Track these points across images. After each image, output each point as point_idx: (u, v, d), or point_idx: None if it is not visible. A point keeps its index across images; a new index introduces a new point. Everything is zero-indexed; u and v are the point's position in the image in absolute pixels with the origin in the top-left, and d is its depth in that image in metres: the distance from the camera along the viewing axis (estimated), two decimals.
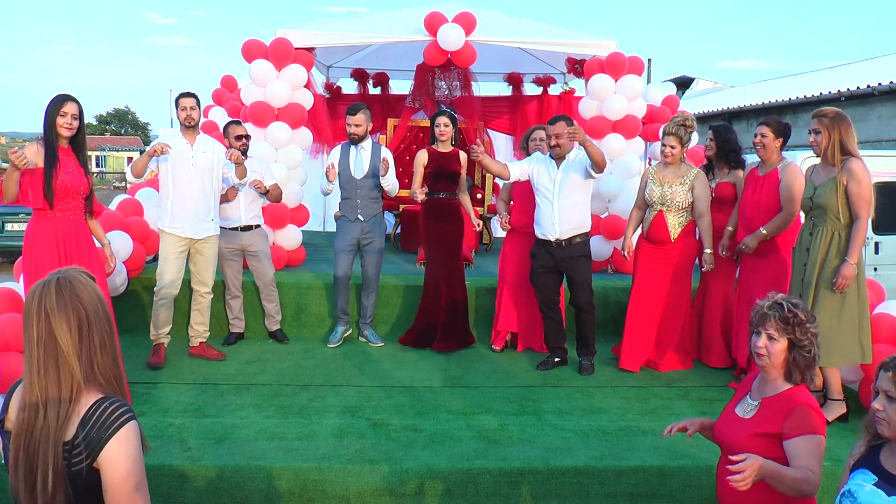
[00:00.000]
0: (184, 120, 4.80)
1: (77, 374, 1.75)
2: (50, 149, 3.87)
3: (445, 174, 5.33)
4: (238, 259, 5.44)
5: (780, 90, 14.95)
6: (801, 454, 2.20)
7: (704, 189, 4.83)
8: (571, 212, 4.77)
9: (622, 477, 3.42)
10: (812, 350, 2.30)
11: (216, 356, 5.06)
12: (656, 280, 4.93)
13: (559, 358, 5.01)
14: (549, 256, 4.85)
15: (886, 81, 11.24)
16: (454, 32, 6.43)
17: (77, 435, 1.75)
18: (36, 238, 3.96)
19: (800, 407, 2.25)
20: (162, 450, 3.48)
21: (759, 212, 4.52)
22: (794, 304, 2.33)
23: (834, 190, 3.85)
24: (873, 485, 1.93)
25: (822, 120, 3.89)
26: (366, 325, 5.58)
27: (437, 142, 5.36)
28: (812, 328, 2.29)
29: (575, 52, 7.31)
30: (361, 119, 5.26)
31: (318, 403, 4.22)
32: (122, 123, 62.30)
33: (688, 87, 21.77)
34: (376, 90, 9.19)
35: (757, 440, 2.29)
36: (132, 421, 1.79)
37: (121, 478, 1.76)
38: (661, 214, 4.84)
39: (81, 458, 1.74)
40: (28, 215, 4.13)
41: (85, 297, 1.79)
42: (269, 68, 6.34)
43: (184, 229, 4.80)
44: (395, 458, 3.46)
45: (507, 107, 9.30)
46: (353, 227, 5.35)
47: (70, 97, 3.92)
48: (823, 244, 3.94)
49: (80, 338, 1.76)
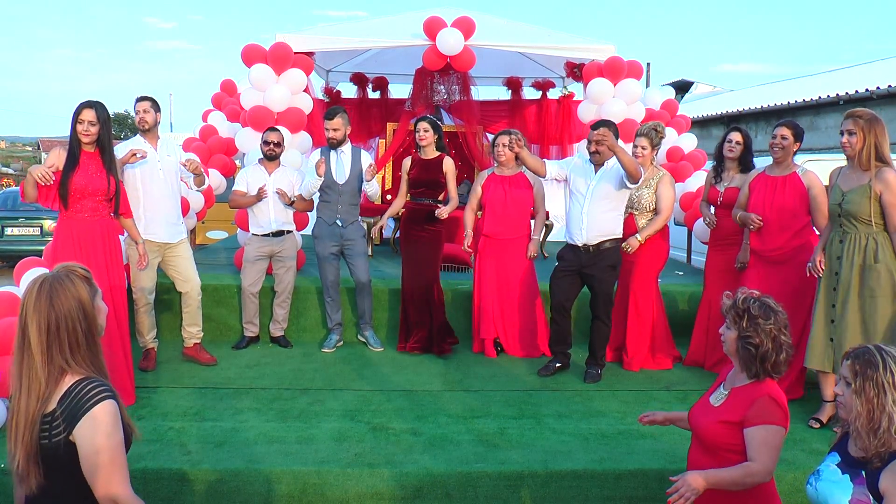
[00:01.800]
0: (139, 123, 4.75)
1: (38, 369, 1.93)
2: (71, 153, 4.03)
3: (424, 181, 5.34)
4: (263, 264, 5.45)
5: (779, 94, 14.99)
6: (756, 443, 2.32)
7: (668, 190, 4.98)
8: (601, 219, 4.73)
9: (621, 480, 3.43)
10: (762, 346, 2.34)
11: (208, 360, 5.05)
12: (625, 278, 5.03)
13: (561, 363, 4.99)
14: (576, 260, 4.82)
15: (885, 85, 11.28)
16: (453, 37, 6.45)
17: (57, 408, 1.92)
18: (59, 237, 4.17)
19: (761, 398, 2.36)
20: (161, 453, 3.49)
21: (782, 215, 4.42)
22: (753, 300, 2.41)
23: (867, 198, 3.73)
24: (836, 465, 2.15)
25: (858, 121, 3.71)
26: (366, 327, 5.57)
27: (422, 148, 5.36)
28: (765, 325, 2.34)
29: (574, 56, 7.33)
30: (339, 123, 5.23)
31: (318, 407, 4.23)
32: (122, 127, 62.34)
33: (687, 91, 21.82)
34: (376, 94, 9.20)
35: (721, 427, 2.43)
36: (109, 400, 1.94)
37: (94, 450, 1.90)
38: (631, 216, 4.99)
39: (60, 429, 1.91)
40: (28, 220, 4.23)
41: (60, 301, 1.95)
42: (268, 72, 6.35)
43: (158, 234, 4.77)
44: (394, 462, 3.46)
45: (507, 111, 9.31)
46: (331, 231, 5.33)
47: (88, 104, 4.04)
48: (859, 250, 3.80)
49: (47, 338, 1.93)
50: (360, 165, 5.33)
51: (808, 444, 3.81)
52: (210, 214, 7.54)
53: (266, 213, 5.39)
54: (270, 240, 5.42)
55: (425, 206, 5.37)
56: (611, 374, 4.98)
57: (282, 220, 5.45)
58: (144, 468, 3.31)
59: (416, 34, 6.70)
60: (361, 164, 5.33)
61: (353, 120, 8.26)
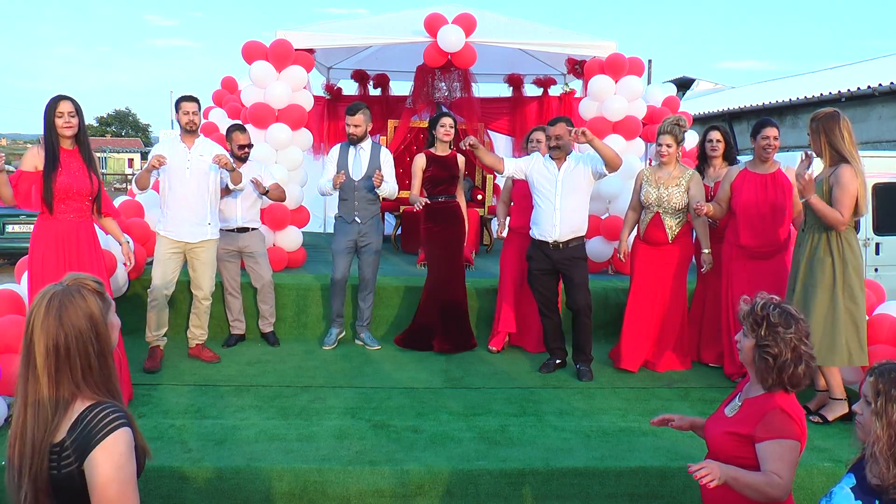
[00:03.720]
0: (185, 124, 4.80)
1: (45, 395, 1.76)
2: (50, 152, 3.85)
3: (444, 178, 5.33)
4: (235, 260, 5.44)
5: (780, 91, 14.95)
6: (770, 458, 2.17)
7: (699, 189, 4.83)
8: (572, 214, 4.75)
9: (623, 478, 3.42)
10: (781, 356, 2.19)
11: (211, 358, 5.05)
12: (654, 281, 4.93)
13: (560, 360, 4.99)
14: (546, 258, 4.82)
15: (887, 82, 11.24)
16: (454, 34, 6.43)
17: (66, 438, 1.76)
18: (39, 240, 3.96)
19: (773, 411, 2.21)
20: (162, 451, 3.48)
21: (776, 211, 4.57)
22: (773, 306, 2.25)
23: (821, 192, 3.90)
24: (850, 488, 1.96)
25: (811, 123, 3.95)
26: (362, 328, 5.55)
27: (437, 143, 5.34)
28: (786, 334, 2.19)
29: (575, 52, 7.30)
30: (361, 119, 5.21)
31: (319, 405, 4.22)
32: (123, 125, 62.32)
33: (688, 88, 21.76)
34: (376, 91, 9.19)
35: (728, 438, 2.29)
36: (123, 428, 1.78)
37: (104, 483, 1.74)
38: (658, 216, 4.85)
39: (70, 461, 1.74)
40: (29, 217, 4.16)
41: (70, 319, 1.77)
42: (269, 70, 6.34)
43: (178, 233, 4.80)
44: (395, 460, 3.46)
45: (508, 108, 9.30)
46: (349, 228, 5.32)
47: (63, 96, 3.90)
48: (811, 243, 3.98)
49: (55, 362, 1.76)
50: (377, 162, 5.28)
51: (809, 441, 3.79)
52: None
53: (233, 210, 5.34)
54: (235, 235, 5.36)
55: (445, 203, 5.36)
56: (612, 372, 4.97)
57: (248, 216, 5.41)
58: (144, 466, 3.29)
59: (417, 31, 6.68)
60: (380, 161, 5.29)
61: None
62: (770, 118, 4.81)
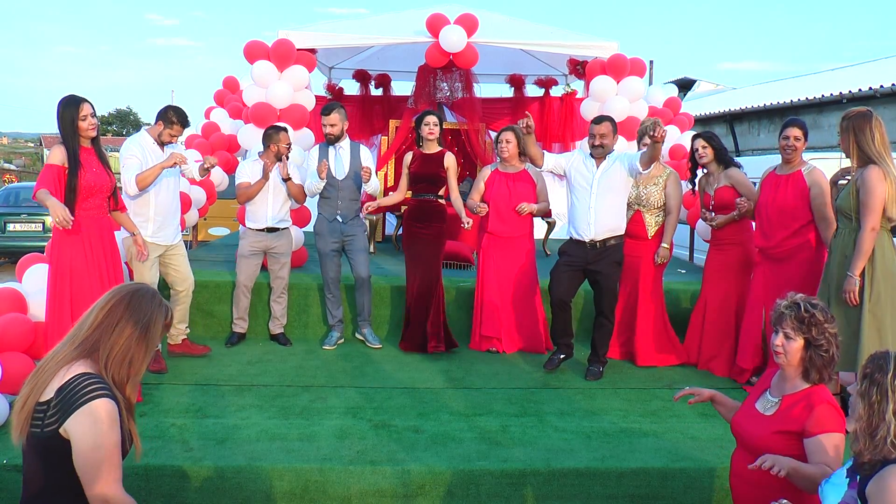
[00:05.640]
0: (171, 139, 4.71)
1: (101, 360, 1.95)
2: (72, 153, 3.93)
3: (426, 176, 5.30)
4: (258, 259, 5.44)
5: (781, 92, 14.95)
6: (821, 451, 2.28)
7: (676, 188, 4.99)
8: (608, 213, 4.73)
9: (624, 478, 3.42)
10: (830, 350, 2.36)
11: (201, 351, 5.04)
12: (632, 273, 5.05)
13: (565, 354, 4.94)
14: (581, 256, 4.78)
15: (888, 83, 11.24)
16: (456, 34, 6.44)
17: (53, 398, 1.89)
18: (62, 236, 4.00)
19: (821, 406, 2.33)
20: (163, 450, 3.48)
21: (782, 213, 4.49)
22: (812, 304, 2.38)
23: (849, 194, 3.81)
24: (847, 469, 2.10)
25: (841, 122, 3.84)
26: (364, 324, 5.55)
27: (424, 142, 5.33)
28: (830, 328, 2.35)
29: (577, 53, 7.32)
30: (336, 118, 5.24)
31: (320, 404, 4.22)
32: (124, 124, 62.31)
33: (689, 89, 21.77)
34: (378, 91, 9.19)
35: (779, 437, 2.38)
36: (105, 399, 1.89)
37: (86, 448, 1.86)
38: (639, 213, 5.01)
39: (53, 420, 1.89)
40: (29, 216, 4.16)
41: (156, 326, 2.05)
42: (271, 69, 6.35)
43: (165, 237, 4.77)
44: (396, 460, 3.46)
45: (509, 108, 9.28)
46: (332, 227, 5.32)
47: (82, 98, 3.99)
48: (844, 246, 3.89)
49: (132, 339, 2.00)
50: (359, 161, 5.31)
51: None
52: (212, 211, 7.55)
53: (264, 209, 5.37)
54: (265, 235, 5.39)
55: (427, 202, 5.34)
56: (613, 372, 4.97)
57: (279, 216, 5.44)
58: (146, 465, 3.30)
59: (418, 31, 6.69)
60: (360, 160, 5.32)
61: (356, 117, 8.28)
62: (797, 118, 4.71)
